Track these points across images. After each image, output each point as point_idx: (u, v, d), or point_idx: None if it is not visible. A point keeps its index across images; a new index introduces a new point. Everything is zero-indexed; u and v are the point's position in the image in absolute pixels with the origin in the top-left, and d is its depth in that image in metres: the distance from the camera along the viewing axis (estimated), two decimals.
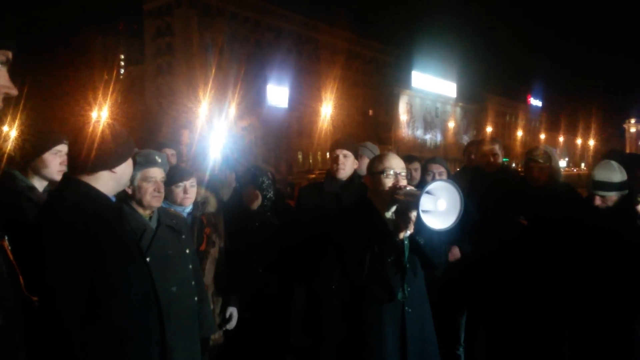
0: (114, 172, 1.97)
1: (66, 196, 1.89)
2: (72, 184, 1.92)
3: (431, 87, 72.40)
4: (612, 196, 2.93)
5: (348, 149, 3.34)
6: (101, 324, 1.73)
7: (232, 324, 3.19)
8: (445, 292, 3.23)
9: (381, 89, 66.02)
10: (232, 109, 37.22)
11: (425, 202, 2.14)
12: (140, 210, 2.54)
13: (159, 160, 2.57)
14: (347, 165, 3.32)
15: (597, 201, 2.97)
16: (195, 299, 2.63)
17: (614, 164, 2.96)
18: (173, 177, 2.94)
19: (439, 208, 2.17)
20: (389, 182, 2.47)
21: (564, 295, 3.24)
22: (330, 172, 3.41)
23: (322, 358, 3.23)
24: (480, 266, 3.62)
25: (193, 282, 2.64)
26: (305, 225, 3.27)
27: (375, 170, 2.53)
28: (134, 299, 1.89)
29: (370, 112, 64.19)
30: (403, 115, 68.11)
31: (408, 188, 2.42)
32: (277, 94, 51.94)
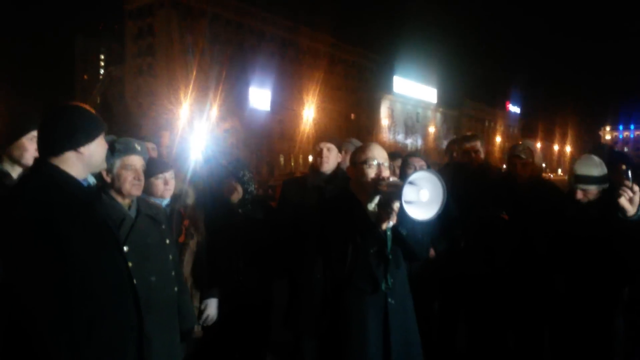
0: (80, 152, 1.89)
1: (32, 179, 1.84)
2: (40, 166, 1.87)
3: (412, 93, 73.07)
4: (593, 190, 2.96)
5: (332, 143, 3.32)
6: (65, 308, 1.67)
7: (210, 318, 3.14)
8: (419, 287, 3.23)
9: (363, 93, 66.40)
10: (213, 111, 37.01)
11: (408, 192, 2.13)
12: (120, 199, 2.47)
13: (139, 148, 2.52)
14: (331, 158, 3.31)
15: (579, 195, 2.99)
16: (175, 289, 2.57)
17: (595, 158, 2.99)
18: (153, 169, 2.88)
19: (422, 198, 2.16)
20: (371, 173, 2.45)
21: (543, 289, 3.26)
22: (314, 166, 3.39)
23: (303, 352, 3.19)
24: (460, 262, 3.64)
25: (173, 273, 2.58)
26: (288, 219, 3.24)
27: (358, 160, 2.51)
28: (104, 286, 1.82)
29: (352, 116, 64.45)
30: (385, 120, 68.56)
31: (391, 179, 2.40)
32: (260, 96, 51.79)
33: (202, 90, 39.98)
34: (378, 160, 2.47)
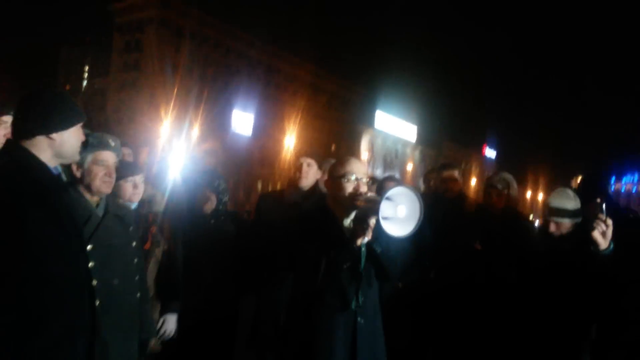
0: (51, 138, 1.84)
1: None
2: (9, 147, 1.84)
3: (393, 129, 74.11)
4: (566, 223, 2.98)
5: (312, 158, 3.30)
6: (14, 292, 1.60)
7: (168, 333, 3.00)
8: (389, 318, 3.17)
9: (345, 125, 67.06)
10: (194, 131, 36.81)
11: (385, 208, 2.10)
12: (88, 196, 2.38)
13: (113, 144, 2.44)
14: (310, 174, 3.27)
15: (552, 227, 3.00)
16: (138, 295, 2.46)
17: (569, 191, 3.02)
18: (122, 171, 2.80)
19: (399, 214, 2.14)
20: (349, 187, 2.42)
21: (511, 323, 3.24)
22: (292, 181, 3.35)
23: None
24: (430, 293, 3.61)
25: (137, 277, 2.48)
26: (262, 233, 3.17)
27: (336, 174, 2.48)
28: (59, 280, 1.74)
29: (333, 146, 64.87)
30: (364, 153, 69.09)
31: (369, 194, 2.38)
32: (242, 120, 51.84)
33: (185, 110, 39.86)
34: (356, 175, 2.45)
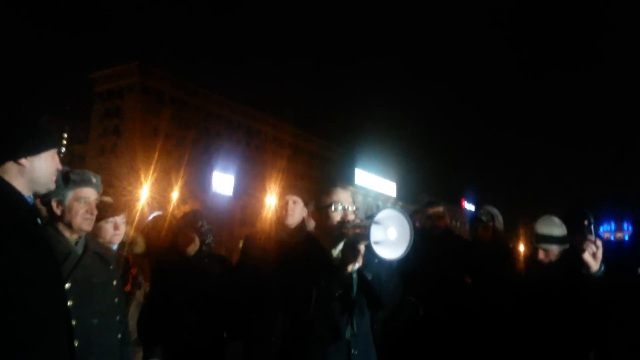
0: (20, 164, 1.75)
1: None
2: None
3: (373, 186, 74.86)
4: (554, 249, 2.97)
5: (298, 196, 3.27)
6: None
7: None
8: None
9: (325, 183, 67.60)
10: (175, 193, 36.58)
11: (375, 232, 2.08)
12: (67, 234, 2.30)
13: (94, 181, 2.39)
14: (296, 211, 3.23)
15: (541, 255, 2.99)
16: (119, 336, 2.33)
17: (555, 218, 3.03)
18: (103, 212, 2.73)
19: (389, 237, 2.11)
20: (337, 217, 2.39)
21: (509, 352, 3.14)
22: (279, 220, 3.29)
23: None
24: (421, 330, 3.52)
25: (117, 318, 2.36)
26: (250, 273, 3.08)
27: (323, 204, 2.45)
28: (35, 317, 1.62)
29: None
30: None
31: (357, 221, 2.35)
32: (223, 181, 51.87)
33: (165, 173, 39.80)
34: (343, 204, 2.43)
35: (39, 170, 1.80)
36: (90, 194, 2.35)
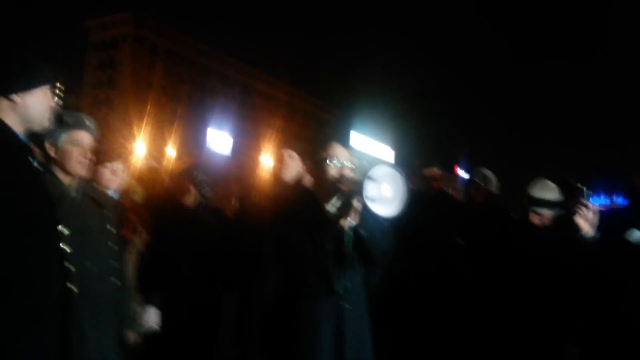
0: (12, 100, 1.70)
1: None
2: None
3: (369, 149, 74.74)
4: (548, 213, 2.98)
5: (295, 150, 3.24)
6: None
7: (150, 326, 2.88)
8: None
9: (321, 144, 67.40)
10: (169, 148, 36.38)
11: (369, 188, 2.08)
12: (62, 177, 2.27)
13: (89, 124, 2.35)
14: (292, 166, 3.20)
15: (534, 218, 2.99)
16: (114, 281, 2.34)
17: (550, 182, 3.02)
18: (101, 157, 2.71)
19: (384, 193, 2.11)
20: (332, 171, 2.39)
21: (496, 317, 3.20)
22: (275, 174, 3.27)
23: None
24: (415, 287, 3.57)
25: (115, 264, 2.36)
26: (245, 226, 3.08)
27: (319, 158, 2.45)
28: (25, 253, 1.61)
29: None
30: None
31: (353, 177, 2.35)
32: (218, 138, 51.61)
33: (159, 128, 39.43)
34: (340, 159, 2.42)
35: (31, 107, 1.75)
36: (84, 137, 2.30)
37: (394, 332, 3.72)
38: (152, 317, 2.88)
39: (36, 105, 1.77)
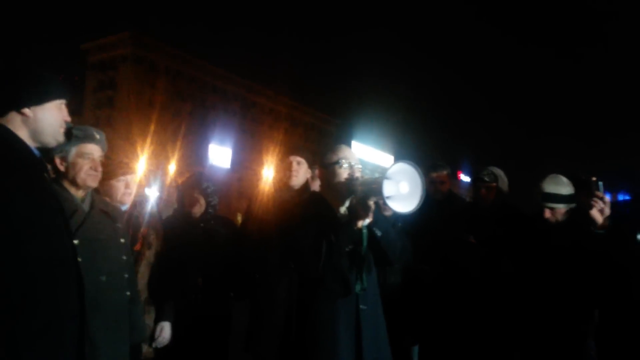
0: (23, 114, 1.70)
1: None
2: None
3: (370, 158, 74.78)
4: (561, 209, 2.96)
5: (302, 157, 3.24)
6: None
7: (163, 341, 2.86)
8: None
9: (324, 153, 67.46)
10: (172, 165, 36.52)
11: (386, 187, 2.08)
12: (73, 190, 2.27)
13: (98, 137, 2.35)
14: (301, 172, 3.21)
15: (547, 214, 2.98)
16: (127, 294, 2.33)
17: (562, 177, 3.01)
18: (114, 170, 2.71)
19: (402, 191, 2.11)
20: (343, 174, 2.38)
21: (513, 312, 3.17)
22: (283, 181, 3.27)
23: None
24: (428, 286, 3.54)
25: (126, 275, 2.35)
26: (255, 233, 3.08)
27: (329, 161, 2.44)
28: (45, 262, 1.60)
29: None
30: None
31: (365, 177, 2.34)
32: (220, 154, 51.74)
33: (161, 145, 39.59)
34: (350, 161, 2.41)
35: (43, 121, 1.75)
36: (94, 150, 2.31)
37: (411, 332, 3.68)
38: (166, 333, 2.85)
39: (49, 120, 1.76)
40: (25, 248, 1.54)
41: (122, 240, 2.39)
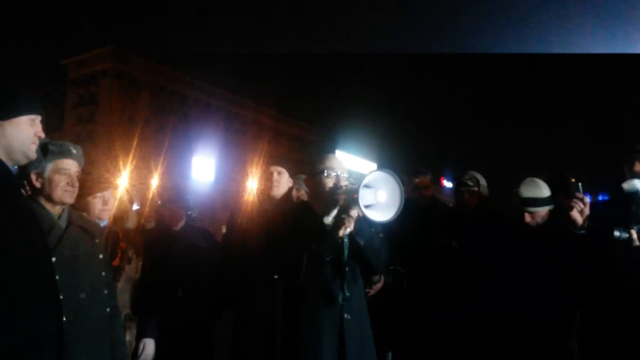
0: None
1: None
2: None
3: (354, 167, 74.99)
4: (541, 212, 2.99)
5: (282, 167, 3.23)
6: None
7: (147, 358, 2.81)
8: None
9: (307, 166, 67.45)
10: (155, 180, 36.21)
11: (365, 195, 2.07)
12: (49, 207, 2.23)
13: (74, 152, 2.32)
14: (282, 182, 3.20)
15: (528, 218, 3.00)
16: (108, 310, 2.29)
17: (538, 180, 3.05)
18: (92, 187, 2.67)
19: (379, 199, 2.11)
20: (329, 183, 2.38)
21: (496, 316, 3.18)
22: (264, 191, 3.26)
23: None
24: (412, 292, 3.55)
25: (106, 292, 2.31)
26: (237, 245, 3.06)
27: (316, 170, 2.44)
28: (22, 282, 1.58)
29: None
30: None
31: (349, 186, 2.34)
32: (203, 166, 51.40)
33: (145, 160, 39.23)
34: (336, 170, 2.41)
35: (12, 136, 1.72)
36: (70, 165, 2.27)
37: (394, 338, 3.68)
38: (149, 349, 2.81)
39: (18, 135, 1.73)
40: (1, 266, 1.51)
41: (101, 256, 2.35)
